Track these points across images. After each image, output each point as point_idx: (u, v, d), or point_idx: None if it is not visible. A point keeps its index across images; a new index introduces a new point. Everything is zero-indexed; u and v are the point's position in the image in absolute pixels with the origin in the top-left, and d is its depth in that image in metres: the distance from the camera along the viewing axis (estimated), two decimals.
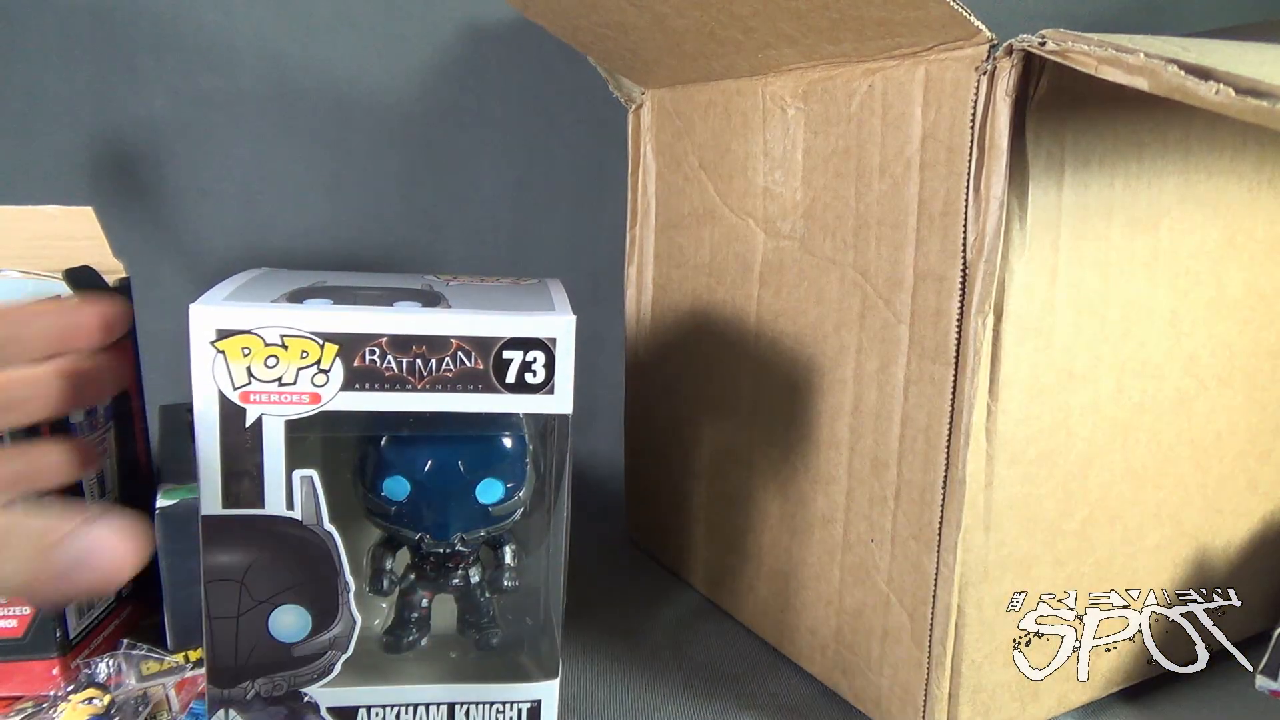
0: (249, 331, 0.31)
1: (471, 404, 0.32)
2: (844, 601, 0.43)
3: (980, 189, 0.33)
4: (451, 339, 0.32)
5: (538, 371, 0.32)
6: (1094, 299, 0.36)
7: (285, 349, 0.31)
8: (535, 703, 0.36)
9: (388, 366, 0.31)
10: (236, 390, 0.31)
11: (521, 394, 0.32)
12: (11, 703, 0.46)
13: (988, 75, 0.32)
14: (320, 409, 0.31)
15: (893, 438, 0.38)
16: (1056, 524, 0.38)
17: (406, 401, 0.32)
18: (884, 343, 0.38)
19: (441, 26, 0.66)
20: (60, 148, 0.63)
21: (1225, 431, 0.42)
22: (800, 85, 0.41)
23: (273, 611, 0.33)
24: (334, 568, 0.33)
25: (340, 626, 0.34)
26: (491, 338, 0.32)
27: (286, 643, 0.34)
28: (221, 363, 0.31)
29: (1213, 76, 0.24)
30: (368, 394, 0.32)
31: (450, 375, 0.32)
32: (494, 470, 0.36)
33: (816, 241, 0.41)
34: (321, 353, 0.31)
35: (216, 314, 0.30)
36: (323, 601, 0.34)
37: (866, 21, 0.34)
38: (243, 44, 0.61)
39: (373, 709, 0.35)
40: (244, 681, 0.34)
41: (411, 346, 0.31)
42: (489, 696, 0.36)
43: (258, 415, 0.31)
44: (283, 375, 0.31)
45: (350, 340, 0.31)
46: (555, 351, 0.32)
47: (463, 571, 0.38)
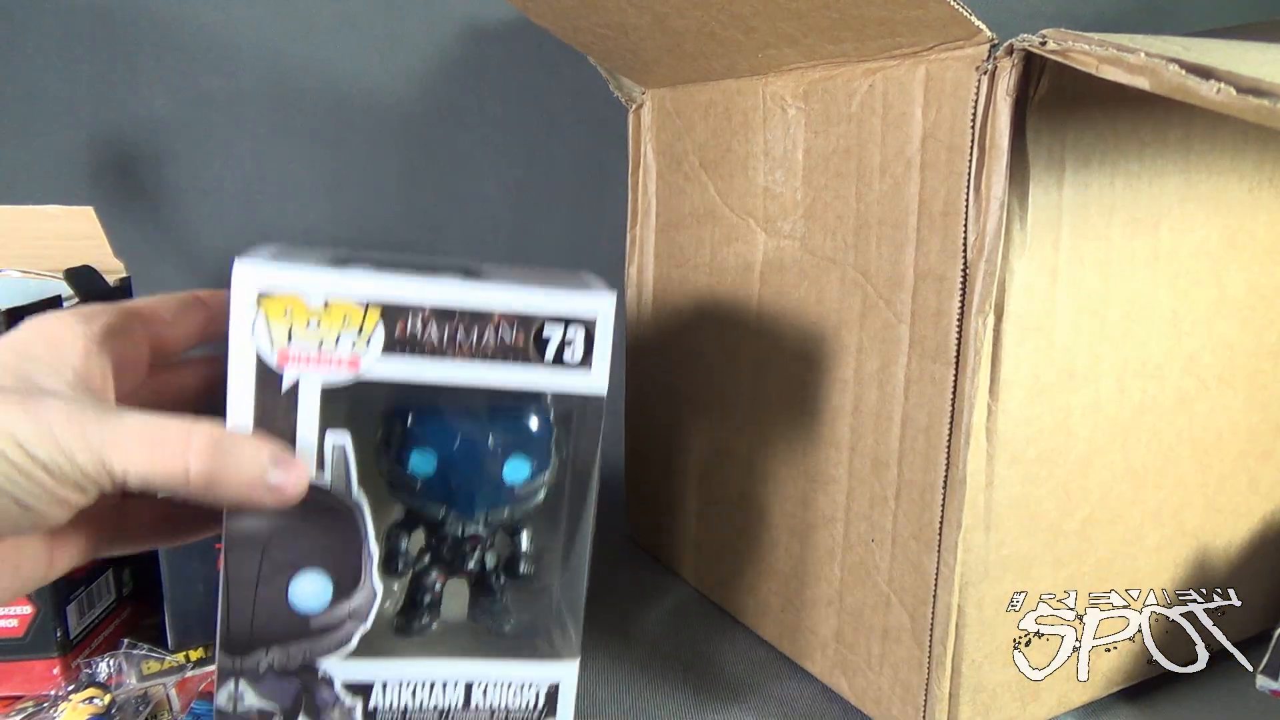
0: (293, 292, 0.30)
1: (509, 378, 0.32)
2: (844, 601, 0.42)
3: (981, 189, 0.33)
4: (494, 312, 0.32)
5: (576, 349, 0.33)
6: (1095, 298, 0.36)
7: (328, 312, 0.31)
8: (554, 685, 0.36)
9: (429, 336, 0.31)
10: (275, 351, 0.30)
11: (559, 370, 0.33)
12: (12, 702, 0.46)
13: (988, 75, 0.32)
14: (358, 377, 0.31)
15: (893, 437, 0.38)
16: (1057, 524, 0.38)
17: (444, 372, 0.32)
18: (884, 342, 0.38)
19: (441, 26, 0.66)
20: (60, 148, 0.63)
21: (1226, 431, 0.42)
22: (801, 85, 0.41)
23: (293, 579, 0.33)
24: (359, 537, 0.33)
25: (361, 597, 0.33)
26: (534, 313, 0.32)
27: (305, 613, 0.33)
28: (262, 322, 0.30)
29: (1214, 76, 0.24)
30: (406, 362, 0.31)
31: (490, 348, 0.32)
32: (522, 449, 0.35)
33: (817, 241, 0.41)
34: (364, 319, 0.31)
35: (261, 272, 0.30)
36: (345, 570, 0.33)
37: (867, 21, 0.34)
38: (243, 44, 0.61)
39: (388, 685, 0.34)
40: (257, 652, 0.33)
41: (454, 317, 0.31)
42: (507, 676, 0.35)
43: (295, 379, 0.31)
44: (323, 339, 0.31)
45: (395, 307, 0.31)
46: (595, 330, 0.33)
47: (479, 555, 0.37)
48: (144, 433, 0.26)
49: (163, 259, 0.62)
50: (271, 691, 0.33)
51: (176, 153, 0.61)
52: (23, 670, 0.46)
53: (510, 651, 0.36)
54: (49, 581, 0.31)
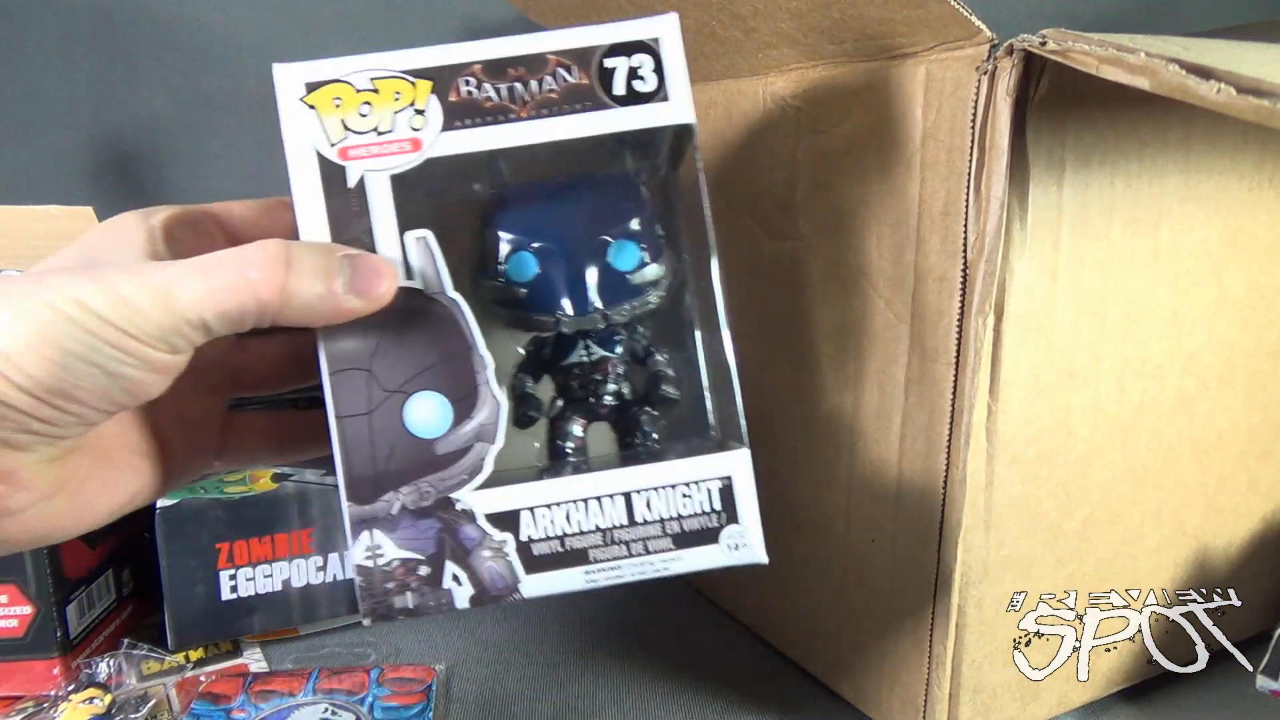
0: (338, 80, 0.29)
1: (582, 126, 0.29)
2: (845, 601, 0.42)
3: (981, 189, 0.33)
4: (548, 55, 0.29)
5: (646, 77, 0.30)
6: (1095, 298, 0.36)
7: (377, 93, 0.29)
8: (725, 479, 0.31)
9: (486, 96, 0.29)
10: (334, 147, 0.29)
11: (633, 105, 0.30)
12: (12, 702, 0.46)
13: (988, 75, 0.32)
14: (424, 156, 0.29)
15: (893, 438, 0.38)
16: (1057, 524, 0.38)
17: (512, 134, 0.29)
18: (884, 343, 0.38)
19: (441, 26, 0.66)
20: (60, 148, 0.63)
21: (1226, 431, 0.42)
22: (801, 85, 0.41)
23: (406, 402, 0.29)
24: (466, 342, 0.29)
25: (484, 412, 0.30)
26: (590, 46, 0.30)
27: (427, 439, 0.29)
28: (314, 119, 0.29)
29: (1214, 76, 0.24)
30: (470, 130, 0.29)
31: (554, 96, 0.29)
32: (624, 230, 0.32)
33: (817, 241, 0.41)
34: (415, 90, 0.29)
35: (302, 68, 0.29)
36: (460, 383, 0.30)
37: (867, 21, 0.34)
38: (243, 44, 0.61)
39: (536, 510, 0.29)
40: (385, 493, 0.29)
41: (508, 70, 0.29)
42: (670, 479, 0.30)
43: (360, 173, 0.29)
44: (379, 123, 0.29)
45: (443, 72, 0.29)
46: (661, 51, 0.30)
47: (614, 386, 0.33)
48: (202, 266, 0.25)
49: None
50: (410, 537, 0.29)
51: (176, 153, 0.61)
52: (23, 670, 0.46)
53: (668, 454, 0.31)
54: (164, 490, 0.30)
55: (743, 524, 0.31)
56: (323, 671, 0.47)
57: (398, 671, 0.47)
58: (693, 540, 0.30)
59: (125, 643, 0.49)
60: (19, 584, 0.45)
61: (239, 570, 0.48)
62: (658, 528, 0.30)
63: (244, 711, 0.44)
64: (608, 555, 0.30)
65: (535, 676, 0.48)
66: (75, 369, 0.24)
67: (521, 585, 0.29)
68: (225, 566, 0.47)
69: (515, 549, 0.29)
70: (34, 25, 0.58)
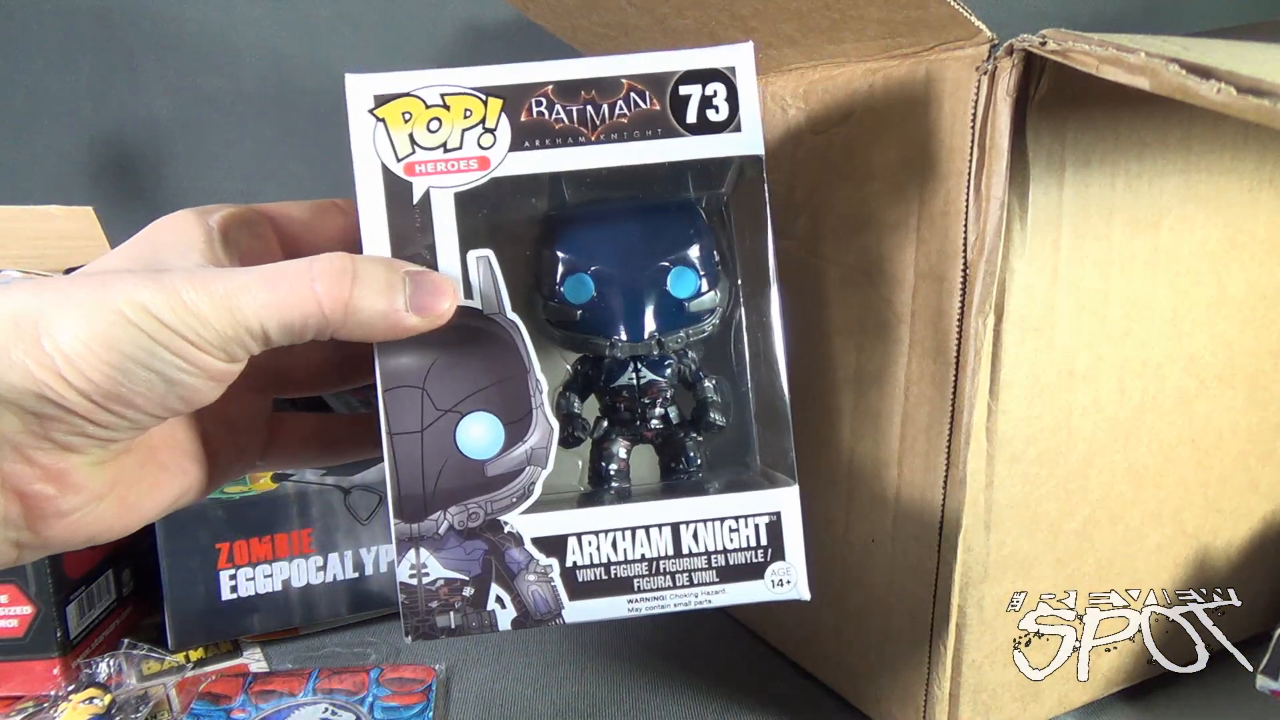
0: (408, 94, 0.29)
1: (651, 152, 0.29)
2: (845, 602, 0.42)
3: (981, 189, 0.33)
4: (622, 79, 0.29)
5: (720, 106, 0.29)
6: (1095, 298, 0.36)
7: (447, 109, 0.29)
8: (774, 515, 0.30)
9: (557, 117, 0.29)
10: (401, 161, 0.29)
11: (704, 134, 0.29)
12: (12, 702, 0.46)
13: (988, 75, 0.32)
14: (490, 175, 0.29)
15: (893, 438, 0.38)
16: (1057, 524, 0.38)
17: (580, 157, 0.29)
18: (884, 343, 0.38)
19: (442, 26, 0.66)
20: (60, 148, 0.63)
21: (1226, 431, 0.42)
22: (801, 85, 0.41)
23: (460, 422, 0.29)
24: (522, 364, 0.29)
25: (537, 435, 0.30)
26: (665, 72, 0.29)
27: (478, 459, 0.29)
28: (382, 132, 0.29)
29: (1214, 76, 0.24)
30: (538, 151, 0.29)
31: (625, 121, 0.29)
32: (683, 257, 0.32)
33: (817, 241, 0.41)
34: (485, 109, 0.29)
35: (373, 79, 0.29)
36: (514, 406, 0.29)
37: (867, 21, 0.34)
38: (243, 44, 0.61)
39: (584, 537, 0.29)
40: (434, 513, 0.29)
41: (580, 92, 0.29)
42: (719, 512, 0.30)
43: (425, 189, 0.29)
44: (447, 139, 0.29)
45: (515, 91, 0.29)
46: (736, 81, 0.30)
47: (661, 410, 0.33)
48: (267, 276, 0.25)
49: None
50: (456, 557, 0.29)
51: (176, 153, 0.61)
52: (23, 670, 0.46)
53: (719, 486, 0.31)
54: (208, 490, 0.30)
55: (789, 560, 0.30)
56: (323, 671, 0.47)
57: (398, 671, 0.47)
58: (737, 575, 0.30)
59: (125, 643, 0.49)
60: (19, 584, 0.45)
61: (239, 570, 0.48)
62: (703, 560, 0.30)
63: (244, 711, 0.44)
64: (652, 585, 0.30)
65: (535, 677, 0.48)
66: (134, 374, 0.24)
67: (565, 610, 0.29)
68: (225, 566, 0.47)
69: (560, 574, 0.29)
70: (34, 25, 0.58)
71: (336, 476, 0.50)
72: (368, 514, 0.50)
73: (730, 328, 0.33)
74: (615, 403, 0.33)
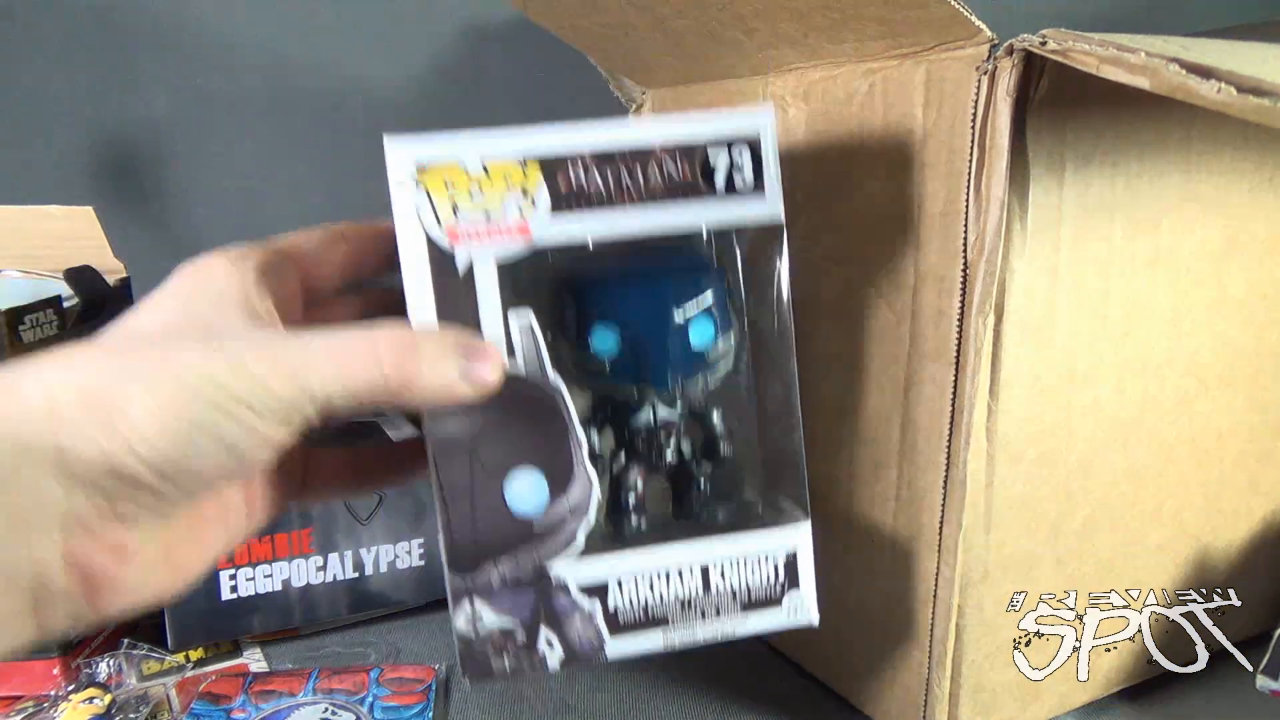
0: (450, 160, 0.29)
1: (681, 218, 0.31)
2: (844, 601, 0.42)
3: (981, 189, 0.33)
4: (656, 146, 0.30)
5: (745, 173, 0.31)
6: (1095, 298, 0.36)
7: (488, 176, 0.29)
8: (791, 552, 0.34)
9: (594, 183, 0.30)
10: (443, 228, 0.29)
11: (730, 198, 0.31)
12: (12, 702, 0.46)
13: (988, 75, 0.32)
14: (530, 242, 0.30)
15: (893, 438, 0.38)
16: (1057, 524, 0.38)
17: (615, 222, 0.30)
18: (884, 343, 0.38)
19: (442, 27, 0.66)
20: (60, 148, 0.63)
21: (1226, 431, 0.42)
22: (801, 85, 0.41)
23: (507, 479, 0.31)
24: (564, 424, 0.31)
25: (578, 490, 0.32)
26: (696, 141, 0.31)
27: (525, 514, 0.31)
28: (425, 199, 0.29)
29: (1214, 75, 0.24)
30: (575, 216, 0.30)
31: (658, 186, 0.31)
32: (700, 306, 0.33)
33: (817, 241, 0.41)
34: (525, 176, 0.30)
35: (414, 145, 0.29)
36: (557, 462, 0.31)
37: (867, 21, 0.34)
38: (243, 44, 0.61)
39: (624, 581, 0.32)
40: (485, 563, 0.31)
41: (616, 159, 0.30)
42: (741, 551, 0.33)
43: (468, 259, 0.30)
44: (489, 206, 0.29)
45: (555, 159, 0.30)
46: (761, 148, 0.31)
47: (675, 443, 0.35)
48: (331, 348, 0.26)
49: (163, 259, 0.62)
50: (508, 607, 0.31)
51: (176, 153, 0.61)
52: (23, 670, 0.46)
53: (739, 524, 0.34)
54: (248, 537, 0.31)
55: (803, 590, 0.34)
56: (323, 671, 0.47)
57: (398, 671, 0.47)
58: (758, 605, 0.33)
59: (125, 643, 0.49)
60: None
61: (239, 570, 0.48)
62: (729, 596, 0.33)
63: (244, 711, 0.44)
64: (684, 620, 0.32)
65: (535, 677, 0.48)
66: (199, 444, 0.24)
67: (606, 647, 0.32)
68: (225, 566, 0.47)
69: (603, 616, 0.32)
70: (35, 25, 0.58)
71: None
72: (368, 514, 0.50)
73: (739, 360, 0.35)
74: (633, 439, 0.35)
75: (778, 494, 0.35)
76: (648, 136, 0.30)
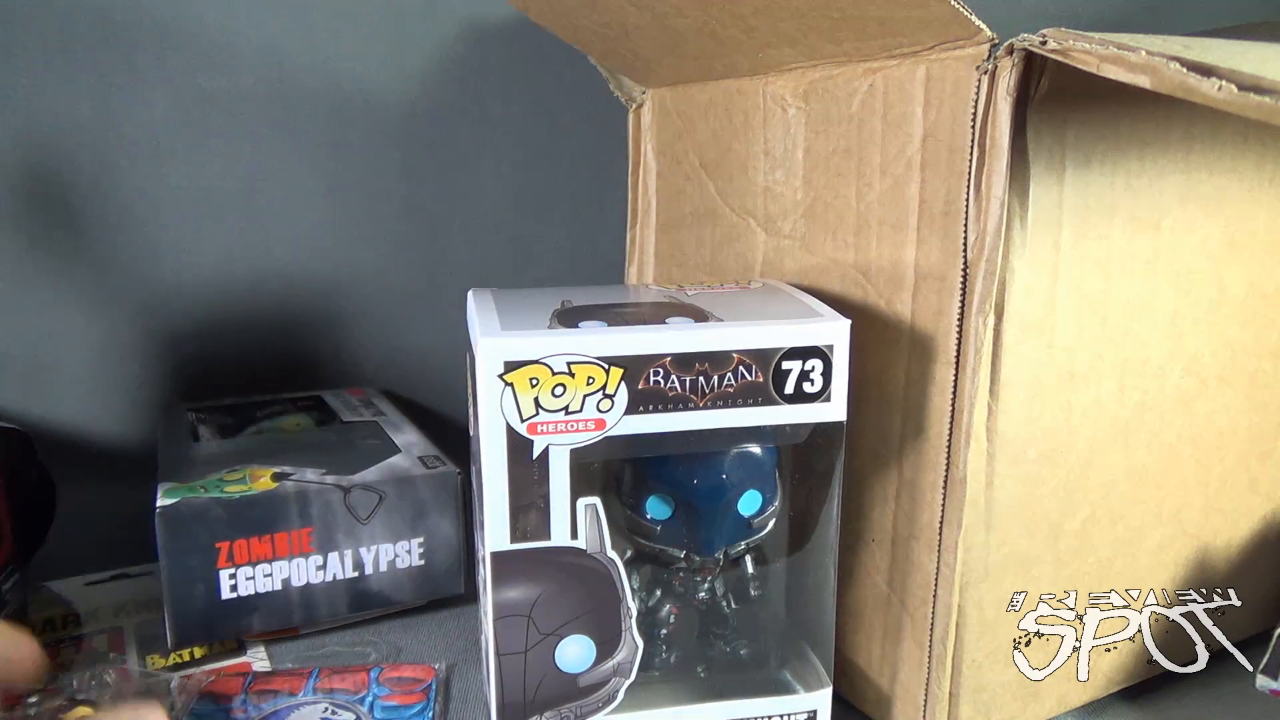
0: (537, 361, 0.30)
1: (750, 418, 0.32)
2: (844, 601, 0.42)
3: (981, 188, 0.33)
4: (733, 353, 0.32)
5: (815, 380, 0.33)
6: (1095, 298, 0.36)
7: (572, 377, 0.31)
8: (810, 714, 0.37)
9: (671, 386, 0.31)
10: (524, 422, 0.31)
11: (799, 404, 0.33)
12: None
13: (989, 74, 0.32)
14: (605, 435, 0.31)
15: (893, 437, 0.38)
16: (1057, 524, 0.38)
17: (687, 421, 0.32)
18: (884, 342, 0.38)
19: (442, 26, 0.66)
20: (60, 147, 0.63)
21: (1226, 431, 0.42)
22: (801, 85, 0.41)
23: (559, 643, 0.33)
24: (617, 595, 0.33)
25: (624, 653, 0.34)
26: (773, 349, 0.32)
27: (572, 674, 0.33)
28: (510, 395, 0.30)
29: (1215, 73, 0.24)
30: (650, 416, 0.31)
31: (731, 390, 0.32)
32: (753, 482, 0.35)
33: (817, 241, 0.41)
34: (607, 378, 0.31)
35: (504, 345, 0.30)
36: (607, 629, 0.34)
37: (867, 21, 0.34)
38: (243, 44, 0.61)
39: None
40: (532, 717, 0.34)
41: (694, 364, 0.31)
42: (765, 711, 0.36)
43: (545, 446, 0.31)
44: (569, 404, 0.31)
45: (636, 362, 0.31)
46: (833, 358, 0.33)
47: (709, 584, 0.37)
48: None
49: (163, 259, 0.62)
50: None
51: (176, 153, 0.61)
52: None
53: (758, 688, 0.37)
54: None
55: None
56: (323, 671, 0.47)
57: (398, 671, 0.47)
58: None
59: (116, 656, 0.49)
60: None
61: (239, 570, 0.48)
62: None
63: (244, 711, 0.44)
64: None
65: None
66: None
67: None
68: (225, 566, 0.47)
69: None
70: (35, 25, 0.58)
71: (336, 476, 0.50)
72: (368, 513, 0.50)
73: (778, 521, 0.37)
74: (670, 579, 0.37)
75: (805, 656, 0.38)
76: (726, 343, 0.32)
